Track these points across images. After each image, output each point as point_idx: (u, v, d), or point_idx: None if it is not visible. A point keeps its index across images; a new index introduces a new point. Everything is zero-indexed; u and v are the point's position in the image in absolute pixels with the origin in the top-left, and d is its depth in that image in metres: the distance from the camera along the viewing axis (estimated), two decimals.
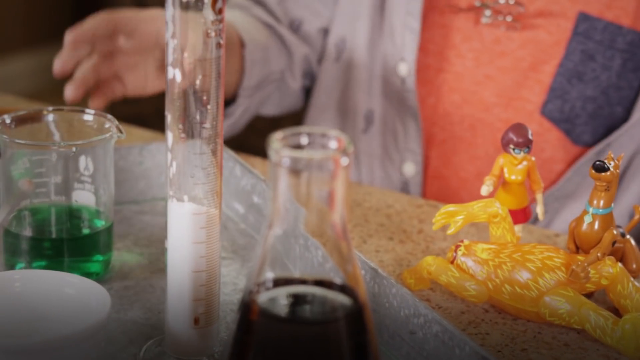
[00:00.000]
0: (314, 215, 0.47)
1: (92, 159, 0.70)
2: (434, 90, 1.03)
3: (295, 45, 1.07)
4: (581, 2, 0.97)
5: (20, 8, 3.83)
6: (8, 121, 0.70)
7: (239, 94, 1.01)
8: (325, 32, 1.11)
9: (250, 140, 1.23)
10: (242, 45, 1.00)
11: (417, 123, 1.01)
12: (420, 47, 1.00)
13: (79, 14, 3.77)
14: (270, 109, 1.10)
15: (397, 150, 1.03)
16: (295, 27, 1.10)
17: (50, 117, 0.74)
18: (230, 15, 1.04)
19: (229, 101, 1.02)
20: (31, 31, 3.86)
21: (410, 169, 1.01)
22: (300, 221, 0.48)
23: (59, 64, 0.88)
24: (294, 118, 1.15)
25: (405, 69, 1.01)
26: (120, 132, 0.68)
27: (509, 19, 0.97)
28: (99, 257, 0.71)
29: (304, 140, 0.48)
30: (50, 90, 3.84)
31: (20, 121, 0.72)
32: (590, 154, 0.96)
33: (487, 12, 0.97)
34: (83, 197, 0.71)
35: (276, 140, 0.47)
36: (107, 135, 0.69)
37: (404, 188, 1.00)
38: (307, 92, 1.14)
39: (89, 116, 0.73)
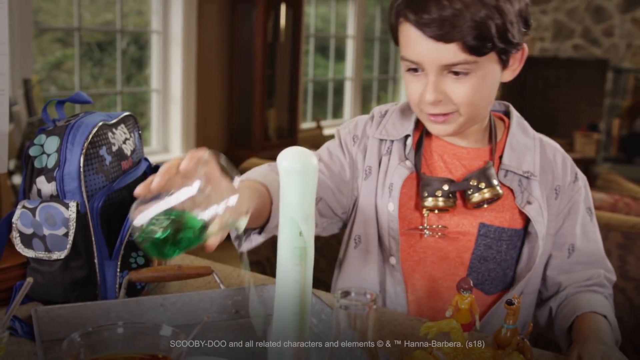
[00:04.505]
0: (358, 333, 0.67)
1: None
2: (412, 269, 1.23)
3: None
4: (479, 217, 1.20)
5: None
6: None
7: (263, 233, 1.08)
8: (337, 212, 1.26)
9: (316, 274, 1.42)
10: (271, 199, 1.05)
11: (403, 287, 1.22)
12: (400, 249, 1.21)
13: None
14: None
15: (391, 303, 1.24)
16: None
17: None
18: (269, 177, 1.10)
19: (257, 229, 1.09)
20: None
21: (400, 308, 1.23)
22: (351, 337, 0.67)
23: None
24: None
25: (394, 260, 1.21)
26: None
27: (439, 234, 1.21)
28: None
29: (353, 294, 0.69)
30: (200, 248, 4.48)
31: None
32: (501, 301, 1.20)
33: (427, 232, 1.21)
34: None
35: (338, 294, 0.69)
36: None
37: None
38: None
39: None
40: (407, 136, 1.24)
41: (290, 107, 5.14)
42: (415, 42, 1.09)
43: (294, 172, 0.81)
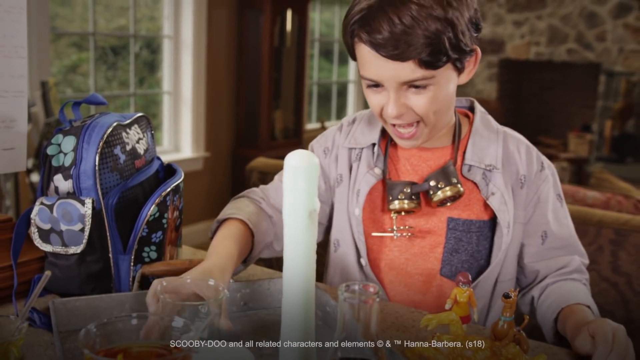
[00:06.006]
0: (361, 325, 0.69)
1: None
2: (388, 267, 1.24)
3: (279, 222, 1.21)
4: (447, 212, 1.21)
5: (202, 194, 4.44)
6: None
7: (245, 263, 1.19)
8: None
9: (319, 269, 1.42)
10: (252, 234, 1.16)
11: (379, 285, 1.24)
12: (374, 249, 1.23)
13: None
14: (267, 254, 1.26)
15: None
16: None
17: None
18: (247, 209, 1.19)
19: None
20: (210, 207, 4.47)
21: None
22: (355, 328, 0.69)
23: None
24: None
25: (364, 261, 1.23)
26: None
27: (408, 234, 1.22)
28: None
29: (354, 288, 0.70)
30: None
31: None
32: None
33: (396, 234, 1.21)
34: None
35: (342, 288, 0.70)
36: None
37: None
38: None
39: None
40: (374, 144, 1.25)
41: (296, 108, 5.13)
42: (372, 62, 1.09)
43: (300, 169, 0.81)
